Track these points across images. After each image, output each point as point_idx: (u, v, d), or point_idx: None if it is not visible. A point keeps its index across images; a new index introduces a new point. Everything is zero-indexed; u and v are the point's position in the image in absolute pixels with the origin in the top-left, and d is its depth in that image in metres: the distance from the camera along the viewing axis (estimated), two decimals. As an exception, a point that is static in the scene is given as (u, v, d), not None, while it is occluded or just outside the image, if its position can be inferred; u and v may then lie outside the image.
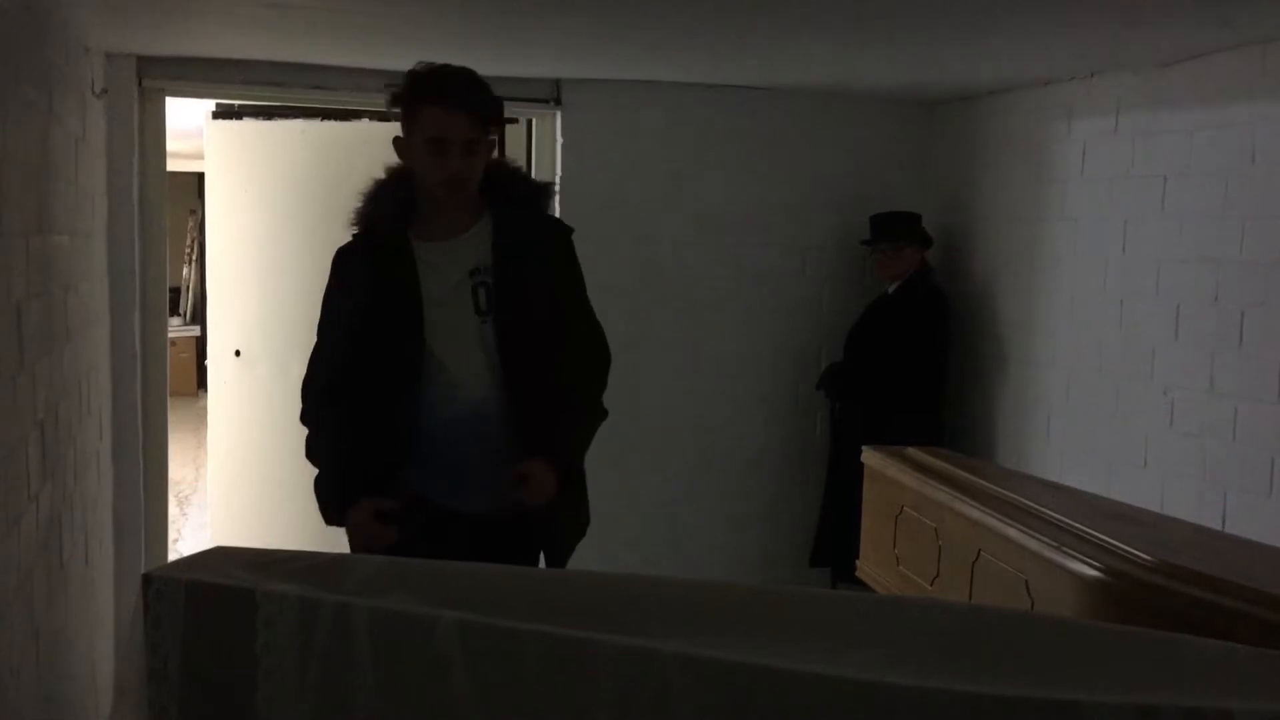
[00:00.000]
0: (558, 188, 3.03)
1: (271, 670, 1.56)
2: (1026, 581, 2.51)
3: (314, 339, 2.83)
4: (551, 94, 4.92)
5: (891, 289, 4.94)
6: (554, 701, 1.56)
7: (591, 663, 1.55)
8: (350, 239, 2.77)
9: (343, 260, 2.77)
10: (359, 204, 2.72)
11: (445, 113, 2.52)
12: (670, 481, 5.14)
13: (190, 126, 5.94)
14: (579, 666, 1.56)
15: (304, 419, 2.79)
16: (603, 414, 2.80)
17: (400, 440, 2.63)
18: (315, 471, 2.76)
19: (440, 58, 2.65)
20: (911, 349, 4.81)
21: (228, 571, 1.67)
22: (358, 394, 2.66)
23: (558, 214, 2.97)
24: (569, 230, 2.78)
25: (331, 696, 1.57)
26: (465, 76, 2.58)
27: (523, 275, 2.64)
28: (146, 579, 1.62)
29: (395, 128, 2.66)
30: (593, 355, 2.80)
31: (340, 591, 1.66)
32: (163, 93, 4.59)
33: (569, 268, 2.76)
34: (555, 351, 2.67)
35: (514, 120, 5.02)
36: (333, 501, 2.67)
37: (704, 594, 1.96)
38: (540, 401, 2.64)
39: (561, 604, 1.75)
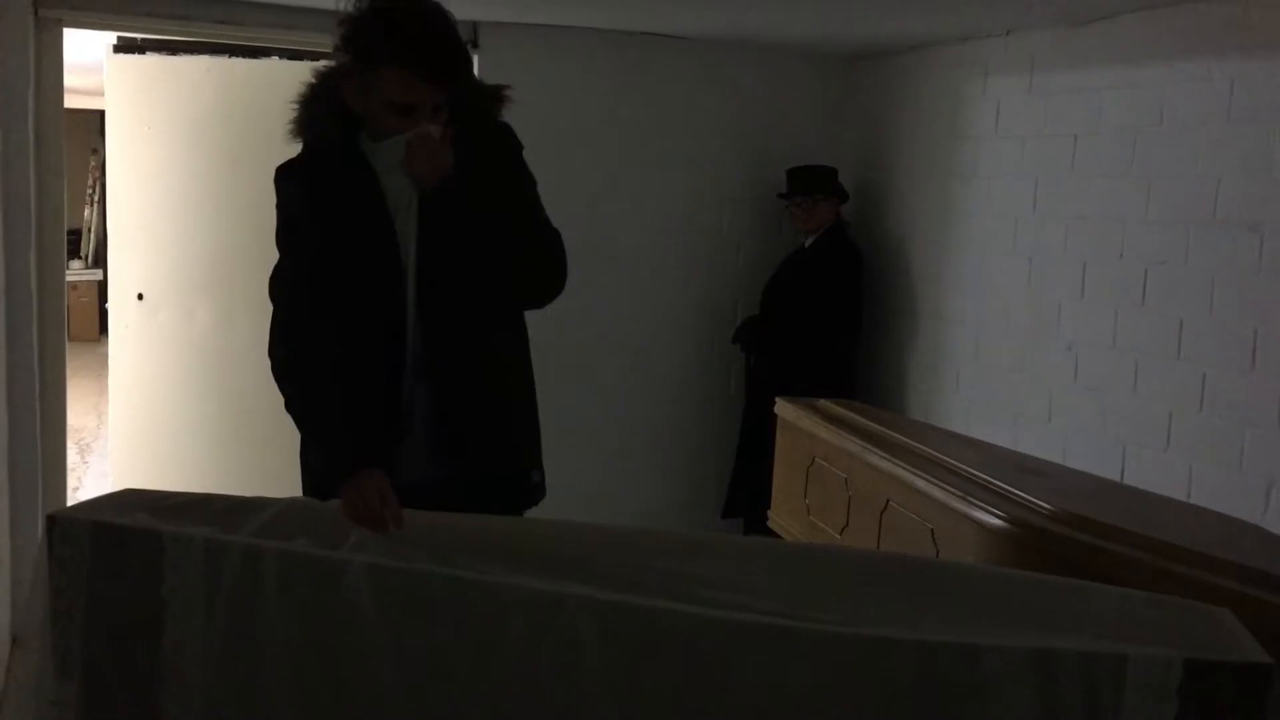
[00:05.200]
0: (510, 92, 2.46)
1: (179, 614, 1.53)
2: (933, 530, 2.56)
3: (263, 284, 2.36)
4: (469, 37, 4.82)
5: (807, 243, 4.96)
6: (464, 646, 1.55)
7: (501, 607, 1.55)
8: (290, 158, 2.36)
9: (286, 183, 2.36)
10: (295, 112, 2.33)
11: (414, 80, 2.15)
12: (585, 433, 5.14)
13: (90, 61, 5.71)
14: (489, 610, 1.55)
15: (282, 377, 2.28)
16: (552, 248, 2.38)
17: (389, 390, 2.24)
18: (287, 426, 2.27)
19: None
20: (826, 303, 4.85)
21: (135, 514, 1.63)
22: (344, 342, 2.23)
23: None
24: (518, 143, 2.43)
25: (239, 640, 1.55)
26: (438, 34, 2.19)
27: (457, 190, 2.24)
28: (51, 520, 1.57)
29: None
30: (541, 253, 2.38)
31: (248, 534, 1.63)
32: (60, 23, 4.39)
33: (515, 177, 2.40)
34: (485, 286, 2.30)
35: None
36: (341, 468, 2.09)
37: (616, 540, 1.97)
38: (464, 338, 2.29)
39: (471, 548, 1.74)
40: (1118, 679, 1.45)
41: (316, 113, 2.31)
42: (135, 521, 1.58)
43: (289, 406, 2.25)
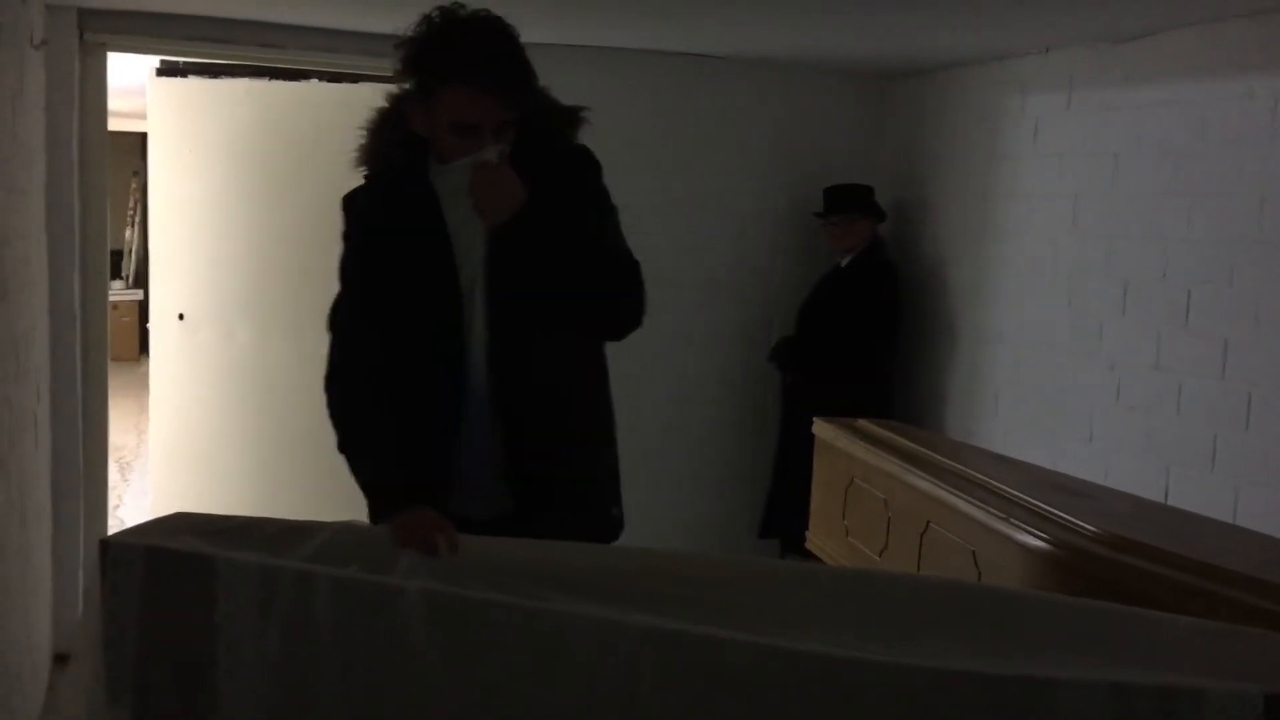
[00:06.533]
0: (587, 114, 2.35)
1: (232, 640, 1.53)
2: (974, 552, 2.53)
3: (325, 310, 2.29)
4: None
5: (844, 262, 4.95)
6: (520, 674, 1.54)
7: (559, 635, 1.53)
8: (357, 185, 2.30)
9: (349, 210, 2.29)
10: (362, 139, 2.27)
11: (475, 96, 2.06)
12: (622, 453, 5.12)
13: (133, 84, 5.79)
14: (546, 639, 1.54)
15: (336, 411, 2.21)
16: (627, 279, 2.30)
17: (449, 424, 2.18)
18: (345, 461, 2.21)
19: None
20: (863, 322, 4.83)
21: (187, 538, 1.63)
22: (400, 374, 2.18)
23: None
24: (597, 167, 2.35)
25: (292, 666, 1.55)
26: (498, 48, 2.10)
27: (530, 218, 2.12)
28: (104, 545, 1.58)
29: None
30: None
31: (301, 559, 1.63)
32: (104, 47, 4.47)
33: (592, 205, 2.33)
34: (559, 317, 2.25)
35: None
36: (392, 502, 2.04)
37: (672, 566, 1.95)
38: (535, 373, 2.24)
39: (525, 575, 1.73)
40: (1196, 715, 1.40)
41: (383, 139, 2.24)
42: (188, 546, 1.58)
43: (342, 447, 2.15)
